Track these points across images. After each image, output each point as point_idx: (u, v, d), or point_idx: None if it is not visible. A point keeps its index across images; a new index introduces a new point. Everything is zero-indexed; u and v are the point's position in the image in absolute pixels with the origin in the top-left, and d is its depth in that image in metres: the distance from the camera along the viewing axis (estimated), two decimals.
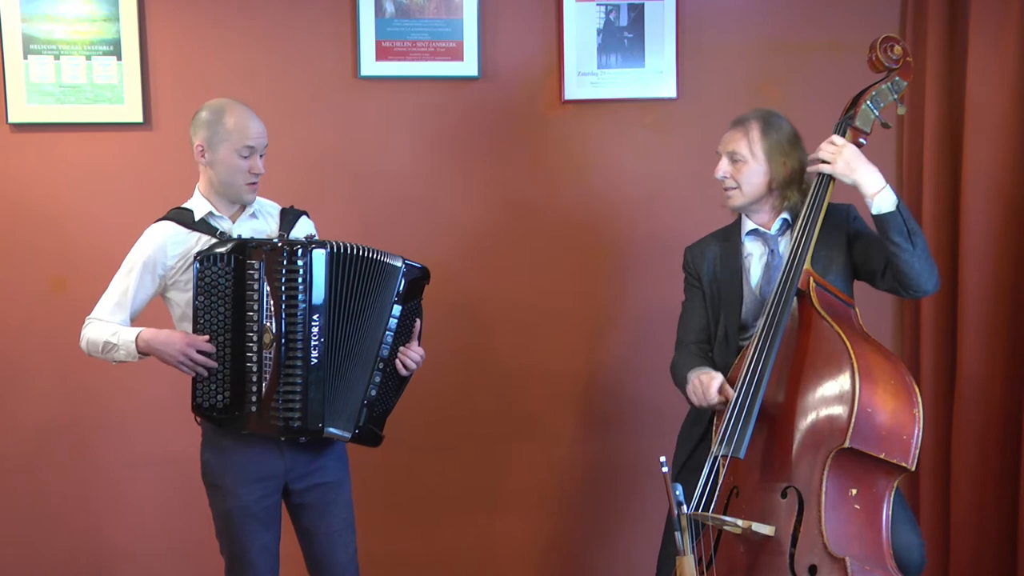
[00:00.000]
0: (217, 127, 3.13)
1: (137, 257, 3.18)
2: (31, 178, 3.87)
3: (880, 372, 2.80)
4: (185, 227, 3.17)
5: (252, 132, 3.13)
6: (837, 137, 3.05)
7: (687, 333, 3.35)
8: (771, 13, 4.11)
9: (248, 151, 3.13)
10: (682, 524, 2.80)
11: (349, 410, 3.11)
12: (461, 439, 4.13)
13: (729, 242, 3.31)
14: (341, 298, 3.07)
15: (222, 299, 3.04)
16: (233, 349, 3.05)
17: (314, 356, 3.03)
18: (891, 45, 3.11)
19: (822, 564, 2.70)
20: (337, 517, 3.24)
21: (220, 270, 3.04)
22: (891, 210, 2.94)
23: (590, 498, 4.21)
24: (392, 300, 3.14)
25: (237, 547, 3.18)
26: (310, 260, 3.02)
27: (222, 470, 3.17)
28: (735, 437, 2.89)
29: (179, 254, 3.14)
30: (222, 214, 3.20)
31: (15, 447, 3.96)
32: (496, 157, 4.07)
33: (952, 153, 3.97)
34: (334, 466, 3.23)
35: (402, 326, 3.18)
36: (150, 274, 3.17)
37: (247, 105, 3.19)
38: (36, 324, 3.91)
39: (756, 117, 3.21)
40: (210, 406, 3.08)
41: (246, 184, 3.16)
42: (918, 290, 3.03)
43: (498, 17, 4.02)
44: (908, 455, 2.76)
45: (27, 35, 3.79)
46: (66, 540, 4.00)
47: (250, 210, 3.24)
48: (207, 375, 3.06)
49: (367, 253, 3.11)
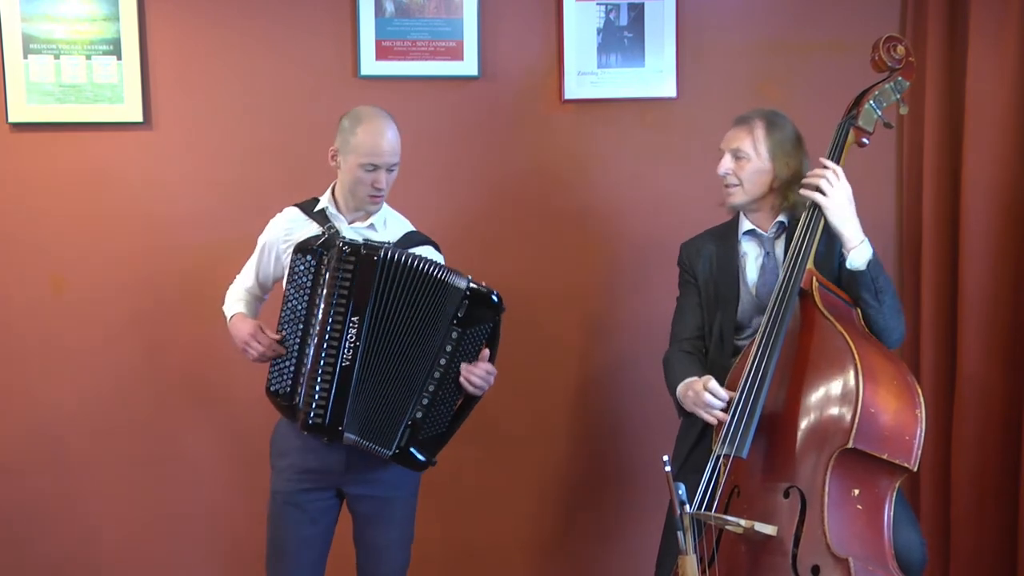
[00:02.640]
0: (349, 137, 3.17)
1: (262, 238, 3.33)
2: (31, 178, 3.86)
3: (883, 373, 2.80)
4: (306, 215, 3.25)
5: (377, 149, 3.14)
6: (839, 170, 3.01)
7: (682, 330, 3.35)
8: (771, 13, 4.11)
9: (371, 167, 3.15)
10: (684, 523, 2.81)
11: (388, 426, 3.09)
12: (458, 439, 4.12)
13: (726, 241, 3.31)
14: (387, 307, 3.05)
15: (303, 292, 3.09)
16: (301, 341, 3.09)
17: (346, 357, 3.03)
18: (894, 45, 3.11)
19: (825, 564, 2.70)
20: (387, 534, 3.25)
21: (307, 263, 3.08)
22: (862, 268, 2.98)
23: (588, 497, 4.21)
24: (449, 322, 3.09)
25: (276, 532, 3.25)
26: (360, 262, 3.03)
27: (281, 453, 3.24)
28: (737, 437, 2.89)
29: (292, 240, 3.20)
30: (342, 214, 3.24)
31: (15, 447, 3.95)
32: (496, 156, 4.07)
33: (952, 153, 3.97)
34: (397, 481, 3.23)
35: (461, 351, 3.12)
36: (269, 254, 3.29)
37: (389, 116, 3.20)
38: (36, 324, 3.90)
39: (761, 116, 3.21)
40: (275, 391, 3.14)
41: (368, 196, 3.19)
42: (885, 342, 3.06)
43: (498, 17, 4.01)
44: (910, 456, 2.76)
45: (27, 35, 3.78)
46: (60, 542, 4.00)
47: (372, 219, 3.25)
48: (275, 362, 3.12)
49: (423, 266, 3.06)
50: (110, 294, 3.91)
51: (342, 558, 3.36)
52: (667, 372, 3.28)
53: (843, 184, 2.99)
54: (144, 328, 3.94)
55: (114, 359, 3.93)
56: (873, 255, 2.99)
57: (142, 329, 3.94)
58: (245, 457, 3.90)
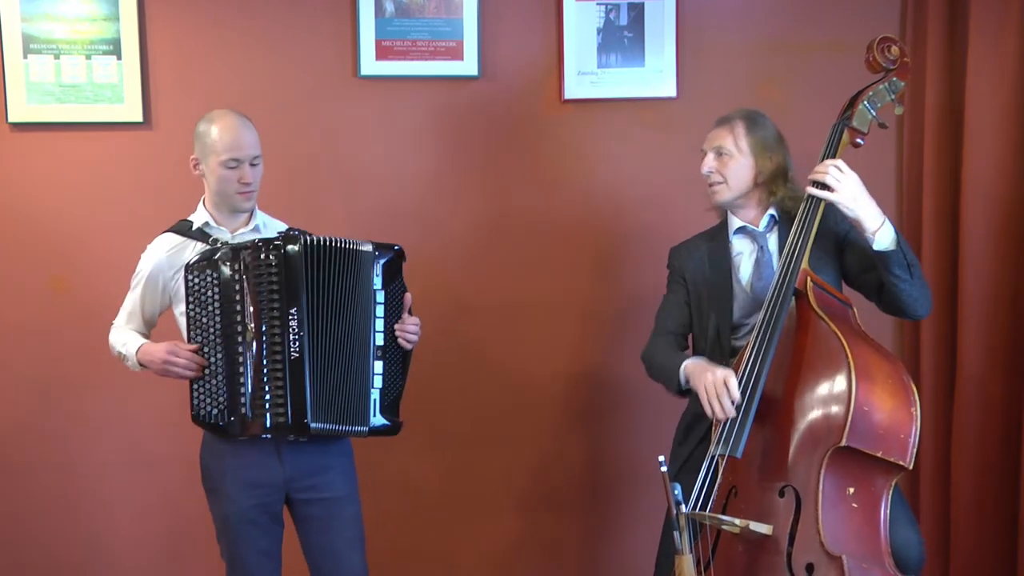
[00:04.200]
0: (205, 139, 3.16)
1: (143, 269, 3.25)
2: (31, 178, 3.87)
3: (877, 371, 2.80)
4: (184, 236, 3.21)
5: (235, 143, 3.13)
6: (841, 163, 2.99)
7: (666, 321, 3.35)
8: (771, 13, 4.11)
9: (234, 162, 3.14)
10: (680, 523, 2.81)
11: (357, 404, 3.10)
12: (457, 440, 4.13)
13: (717, 241, 3.32)
14: (320, 291, 3.06)
15: (210, 307, 3.05)
16: (225, 356, 3.05)
17: (294, 350, 3.01)
18: (888, 45, 3.11)
19: (819, 562, 2.70)
20: (340, 535, 3.21)
21: (207, 278, 3.06)
22: (892, 248, 2.95)
23: (587, 497, 4.21)
24: (374, 286, 3.14)
25: (235, 552, 3.20)
26: (284, 254, 3.02)
27: (220, 474, 3.18)
28: (732, 436, 2.89)
29: (178, 264, 3.16)
30: (222, 225, 3.22)
31: (15, 447, 3.95)
32: (496, 156, 4.07)
33: (952, 153, 3.97)
34: (339, 481, 3.22)
35: (391, 309, 3.18)
36: (154, 286, 3.22)
37: (240, 113, 3.21)
38: (35, 324, 3.91)
39: (740, 115, 3.25)
40: (206, 415, 3.08)
41: (238, 193, 3.17)
42: (913, 316, 3.09)
43: (498, 17, 4.02)
44: (906, 454, 2.76)
45: (27, 35, 3.79)
46: (61, 542, 4.00)
47: (253, 224, 3.24)
48: (201, 379, 3.07)
49: (340, 244, 3.10)
50: (110, 294, 3.90)
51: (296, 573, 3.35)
52: (652, 362, 3.28)
53: (850, 174, 2.97)
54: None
55: (114, 358, 3.93)
56: (896, 232, 2.98)
57: None
58: None
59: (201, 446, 3.23)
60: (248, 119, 3.21)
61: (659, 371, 3.24)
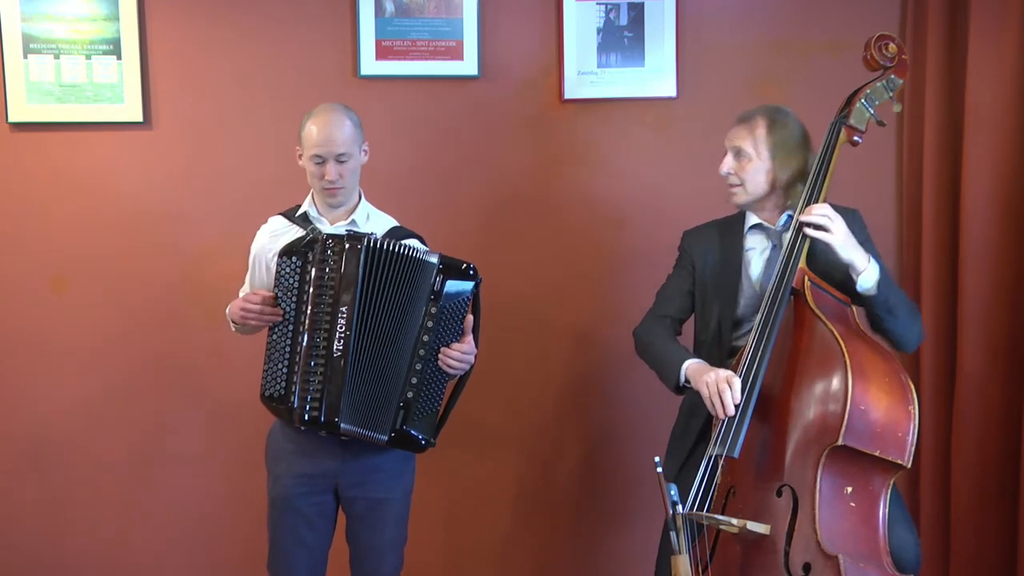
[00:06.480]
0: (301, 133, 3.23)
1: (252, 251, 3.34)
2: (31, 178, 3.88)
3: (874, 370, 2.79)
4: (289, 221, 3.28)
5: (321, 140, 3.17)
6: (825, 206, 2.98)
7: (665, 304, 3.34)
8: (771, 13, 4.11)
9: (319, 159, 3.18)
10: (677, 524, 2.81)
11: (381, 410, 3.10)
12: (456, 441, 4.12)
13: (731, 235, 3.29)
14: (374, 293, 3.07)
15: (291, 294, 3.11)
16: (291, 342, 3.10)
17: (337, 348, 3.05)
18: (885, 43, 3.11)
19: (815, 562, 2.69)
20: (382, 534, 3.25)
21: (292, 265, 3.11)
22: (874, 293, 2.99)
23: (588, 497, 4.21)
24: (427, 297, 3.11)
25: (274, 535, 3.26)
26: (344, 252, 3.06)
27: (276, 457, 3.26)
28: (729, 436, 2.88)
29: (277, 248, 3.20)
30: (323, 215, 3.27)
31: (15, 447, 3.96)
32: (496, 156, 4.07)
33: (952, 153, 3.96)
34: (390, 483, 3.24)
35: (444, 325, 3.13)
36: (260, 266, 3.31)
37: (344, 109, 3.24)
38: (35, 324, 3.92)
39: (762, 113, 3.18)
40: (269, 396, 3.14)
41: (324, 189, 3.22)
42: (899, 349, 3.11)
43: (498, 16, 4.02)
44: (903, 453, 2.75)
45: (27, 34, 3.79)
46: (58, 543, 4.01)
47: (353, 216, 3.27)
48: (268, 366, 3.12)
49: (401, 250, 3.10)
50: (110, 294, 3.92)
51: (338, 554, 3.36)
52: (652, 338, 3.27)
53: (837, 216, 2.97)
54: (144, 327, 3.95)
55: (114, 358, 3.94)
56: (880, 273, 2.99)
57: (142, 328, 3.95)
58: (242, 460, 3.88)
59: (271, 426, 3.29)
60: (349, 115, 3.23)
61: (656, 359, 3.23)
